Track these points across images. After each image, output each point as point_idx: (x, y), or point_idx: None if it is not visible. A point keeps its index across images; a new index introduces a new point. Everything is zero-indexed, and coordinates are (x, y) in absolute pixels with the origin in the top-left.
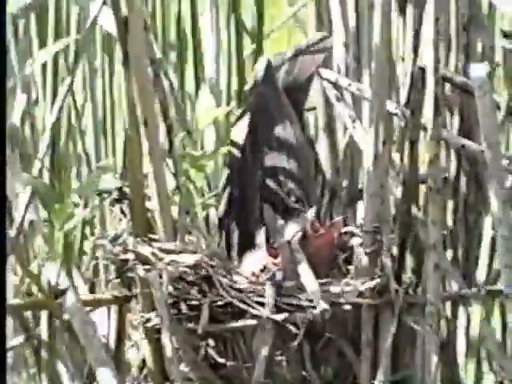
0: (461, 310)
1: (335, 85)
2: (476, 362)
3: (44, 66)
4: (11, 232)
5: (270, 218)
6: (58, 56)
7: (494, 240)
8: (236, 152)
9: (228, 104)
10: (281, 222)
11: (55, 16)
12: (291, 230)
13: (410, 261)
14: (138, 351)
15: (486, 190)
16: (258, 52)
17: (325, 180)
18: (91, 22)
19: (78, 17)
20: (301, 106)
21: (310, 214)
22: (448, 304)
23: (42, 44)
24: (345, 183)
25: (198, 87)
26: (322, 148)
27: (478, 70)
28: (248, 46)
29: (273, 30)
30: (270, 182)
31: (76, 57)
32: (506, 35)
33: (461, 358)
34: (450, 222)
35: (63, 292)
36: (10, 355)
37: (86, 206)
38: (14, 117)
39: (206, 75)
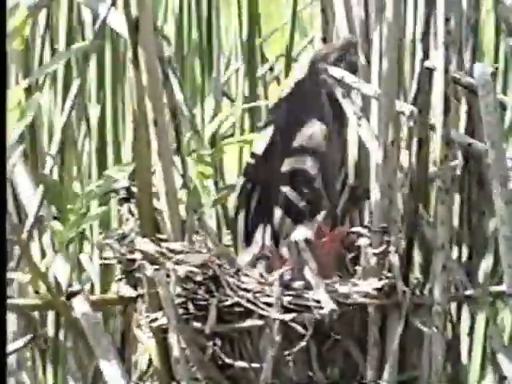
0: (465, 311)
1: (340, 82)
2: (480, 361)
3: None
4: (23, 234)
5: (281, 220)
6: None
7: (497, 240)
8: (253, 162)
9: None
10: (291, 225)
11: (68, 16)
12: (300, 233)
13: (417, 261)
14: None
15: (489, 189)
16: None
17: (346, 181)
18: (101, 23)
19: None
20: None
21: (320, 218)
22: (453, 305)
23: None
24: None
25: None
26: None
27: (482, 69)
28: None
29: (274, 31)
30: (285, 185)
31: (86, 58)
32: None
33: (464, 358)
34: (455, 222)
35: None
36: (15, 355)
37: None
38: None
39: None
